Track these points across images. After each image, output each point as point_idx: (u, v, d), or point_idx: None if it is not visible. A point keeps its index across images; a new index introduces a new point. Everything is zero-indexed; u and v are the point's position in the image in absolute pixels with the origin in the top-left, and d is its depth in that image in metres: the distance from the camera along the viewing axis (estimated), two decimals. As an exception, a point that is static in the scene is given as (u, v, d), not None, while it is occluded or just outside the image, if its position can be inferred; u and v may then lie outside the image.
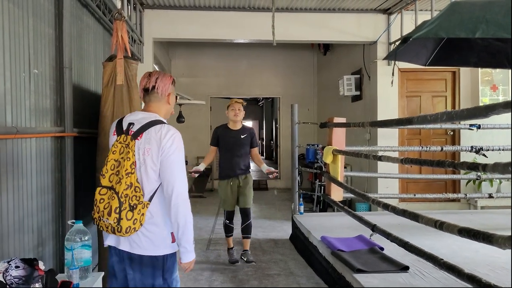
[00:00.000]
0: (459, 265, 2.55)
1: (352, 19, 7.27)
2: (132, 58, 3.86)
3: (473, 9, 2.66)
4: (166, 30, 7.09)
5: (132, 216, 2.16)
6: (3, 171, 2.53)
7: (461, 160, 6.33)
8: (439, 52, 3.74)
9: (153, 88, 2.35)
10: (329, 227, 5.04)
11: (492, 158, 3.28)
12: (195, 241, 2.38)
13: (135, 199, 2.17)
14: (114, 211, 2.14)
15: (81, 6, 3.96)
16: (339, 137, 5.04)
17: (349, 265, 3.52)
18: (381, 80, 7.21)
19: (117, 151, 2.25)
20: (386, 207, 3.36)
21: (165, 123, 2.30)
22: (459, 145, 7.09)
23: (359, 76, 8.15)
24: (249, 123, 24.12)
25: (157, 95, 2.36)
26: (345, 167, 6.29)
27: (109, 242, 2.35)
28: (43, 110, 3.12)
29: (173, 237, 2.29)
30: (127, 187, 2.16)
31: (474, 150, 4.70)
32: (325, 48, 10.40)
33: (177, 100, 2.57)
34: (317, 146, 7.93)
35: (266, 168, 4.91)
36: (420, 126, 6.17)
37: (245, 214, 4.97)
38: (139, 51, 6.63)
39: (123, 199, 2.15)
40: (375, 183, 7.24)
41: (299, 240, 5.46)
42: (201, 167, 4.93)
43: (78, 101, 3.73)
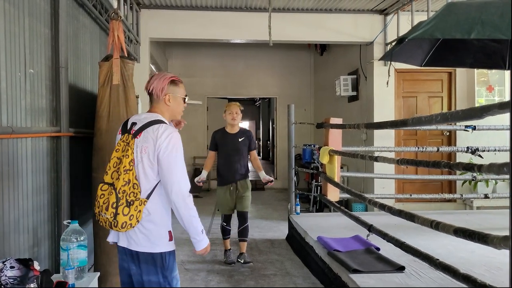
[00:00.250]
0: (454, 265, 2.55)
1: (348, 19, 7.28)
2: (128, 58, 3.86)
3: (469, 10, 2.67)
4: (163, 30, 7.08)
5: (129, 212, 2.21)
6: (-2, 171, 2.52)
7: (457, 161, 6.35)
8: (435, 53, 3.75)
9: (151, 91, 2.44)
10: (325, 227, 5.05)
11: (488, 158, 3.29)
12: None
13: (132, 195, 2.24)
14: (111, 206, 2.22)
15: (77, 6, 3.95)
16: (335, 138, 5.05)
17: (345, 265, 3.52)
18: (377, 81, 7.22)
19: (120, 149, 2.34)
20: (383, 207, 3.37)
21: (164, 122, 2.34)
22: (455, 145, 7.11)
23: (355, 76, 8.16)
24: (246, 123, 24.14)
25: (155, 97, 2.44)
26: (341, 168, 6.29)
27: (110, 239, 2.41)
28: (39, 110, 3.11)
29: (170, 236, 2.33)
30: (125, 183, 2.23)
31: (470, 151, 4.71)
32: (322, 48, 10.42)
33: (186, 100, 2.62)
34: (313, 146, 7.94)
35: (263, 177, 4.92)
36: (415, 128, 6.18)
37: (243, 218, 4.96)
38: (135, 51, 6.62)
39: (121, 194, 2.22)
40: (371, 184, 7.25)
41: (295, 240, 5.47)
42: (204, 174, 4.91)
43: (74, 101, 3.72)
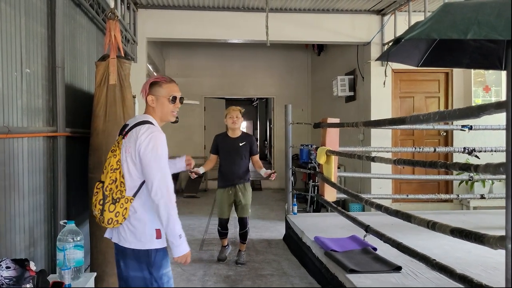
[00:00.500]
0: (451, 265, 2.56)
1: (346, 20, 7.29)
2: (125, 57, 3.85)
3: (465, 10, 2.67)
4: (160, 30, 7.07)
5: (114, 209, 2.31)
6: (-6, 171, 2.52)
7: (453, 161, 6.37)
8: (432, 53, 3.75)
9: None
10: (322, 228, 5.05)
11: (484, 159, 3.29)
12: (189, 241, 2.40)
13: (119, 193, 2.32)
14: (99, 203, 2.34)
15: (74, 6, 3.94)
16: (332, 138, 5.05)
17: (342, 265, 3.52)
18: (374, 81, 7.23)
19: (113, 150, 2.44)
20: (379, 207, 3.37)
21: (150, 123, 2.38)
22: (451, 146, 7.13)
23: (353, 76, 8.17)
24: (244, 123, 24.13)
25: (142, 99, 2.52)
26: (338, 168, 6.30)
27: (106, 235, 2.49)
28: (35, 109, 3.10)
29: (158, 233, 2.36)
30: (112, 181, 2.34)
31: (466, 151, 4.72)
32: (319, 48, 10.42)
33: (170, 100, 2.56)
34: (311, 146, 7.94)
35: (264, 172, 4.85)
36: (413, 126, 6.19)
37: (242, 223, 4.99)
38: (132, 51, 6.61)
39: (108, 192, 2.33)
40: (368, 184, 7.26)
41: (292, 240, 5.47)
42: (200, 170, 4.90)
43: (71, 100, 3.71)
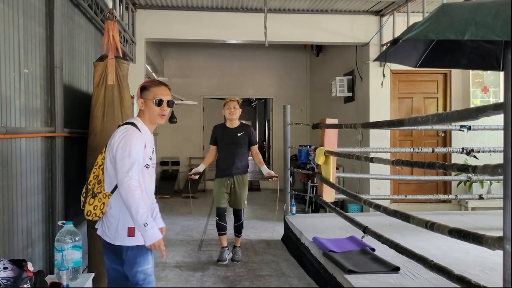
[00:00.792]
0: (449, 266, 2.56)
1: (344, 20, 7.29)
2: (123, 58, 3.85)
3: (462, 11, 2.67)
4: (159, 30, 7.07)
5: (93, 202, 2.51)
6: (-8, 171, 2.51)
7: (452, 162, 6.37)
8: (429, 54, 3.75)
9: None
10: (321, 228, 5.05)
11: (483, 159, 3.30)
12: (188, 241, 2.42)
13: (99, 188, 2.52)
14: (82, 196, 2.65)
15: (72, 6, 3.94)
16: (331, 138, 5.05)
17: (340, 266, 3.52)
18: (373, 82, 7.24)
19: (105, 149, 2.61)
20: (378, 208, 3.37)
21: (131, 124, 2.48)
22: (450, 146, 7.13)
23: (351, 77, 8.17)
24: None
25: None
26: (337, 168, 6.30)
27: (96, 226, 2.64)
28: (33, 110, 3.10)
29: (130, 231, 2.42)
30: (95, 177, 2.57)
31: (465, 151, 4.72)
32: (318, 49, 10.42)
33: (155, 103, 2.59)
34: (309, 147, 7.94)
35: (266, 172, 4.88)
36: (411, 128, 6.20)
37: (237, 215, 4.99)
38: (131, 51, 6.60)
39: (90, 186, 2.56)
40: (367, 184, 7.26)
41: (291, 241, 5.47)
42: (200, 168, 4.93)
43: (69, 101, 3.71)
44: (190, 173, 4.96)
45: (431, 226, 2.58)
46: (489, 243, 2.05)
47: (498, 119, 2.07)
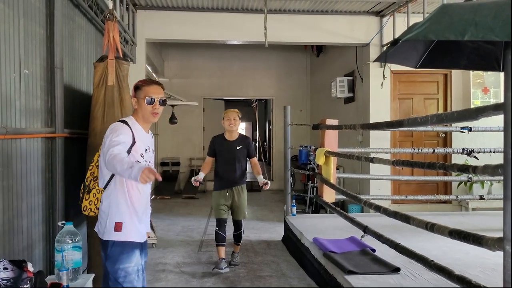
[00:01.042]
0: (449, 267, 2.56)
1: (345, 21, 7.29)
2: (123, 58, 3.85)
3: (462, 11, 2.66)
4: (159, 31, 7.07)
5: (88, 198, 2.61)
6: (-8, 172, 2.51)
7: (452, 162, 6.37)
8: (429, 55, 3.74)
9: None
10: (321, 229, 5.05)
11: (483, 160, 3.29)
12: (188, 242, 2.43)
13: (94, 184, 2.61)
14: (80, 192, 2.71)
15: (73, 6, 3.94)
16: (331, 139, 5.05)
17: (340, 266, 3.52)
18: (373, 82, 7.24)
19: None
20: (378, 208, 3.36)
21: (122, 121, 2.54)
22: (451, 147, 7.12)
23: (351, 78, 8.17)
24: (243, 124, 24.13)
25: None
26: (337, 169, 6.29)
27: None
28: (33, 110, 3.10)
29: (116, 226, 2.46)
30: (91, 173, 2.66)
31: (465, 152, 4.72)
32: (318, 50, 10.43)
33: (146, 101, 2.61)
34: (309, 147, 7.94)
35: (261, 181, 4.89)
36: (411, 129, 6.19)
37: (237, 225, 4.98)
38: (131, 52, 6.60)
39: (87, 183, 2.65)
40: (367, 185, 7.26)
41: (291, 241, 5.46)
42: (201, 175, 4.88)
43: (69, 101, 3.71)
44: (194, 180, 4.91)
45: (431, 227, 2.57)
46: (489, 244, 2.05)
47: (499, 120, 2.07)
